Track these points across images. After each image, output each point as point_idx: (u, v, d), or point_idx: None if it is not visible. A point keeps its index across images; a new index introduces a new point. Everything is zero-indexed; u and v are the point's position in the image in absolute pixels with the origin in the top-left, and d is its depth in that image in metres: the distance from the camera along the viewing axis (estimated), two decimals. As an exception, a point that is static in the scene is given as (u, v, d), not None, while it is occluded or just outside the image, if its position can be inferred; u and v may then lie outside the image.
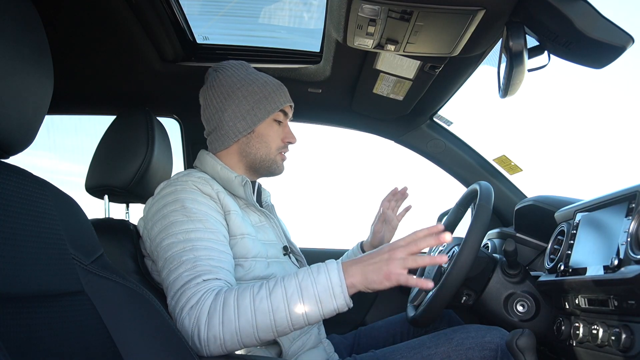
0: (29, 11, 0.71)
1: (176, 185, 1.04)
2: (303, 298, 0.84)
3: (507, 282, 1.13)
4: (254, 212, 1.18)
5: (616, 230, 0.89)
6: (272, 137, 1.18)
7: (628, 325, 0.82)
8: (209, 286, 0.90)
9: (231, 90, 1.16)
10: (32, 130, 0.72)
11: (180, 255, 0.94)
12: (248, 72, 1.20)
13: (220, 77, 1.19)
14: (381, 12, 0.95)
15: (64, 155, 2.06)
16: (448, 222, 1.44)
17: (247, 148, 1.18)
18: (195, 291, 0.89)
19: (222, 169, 1.15)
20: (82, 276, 0.75)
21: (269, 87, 1.17)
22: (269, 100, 1.16)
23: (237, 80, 1.17)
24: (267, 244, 1.14)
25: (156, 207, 1.04)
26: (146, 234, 1.05)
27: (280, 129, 1.21)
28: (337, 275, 0.85)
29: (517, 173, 1.71)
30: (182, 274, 0.91)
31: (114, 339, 0.75)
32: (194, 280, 0.90)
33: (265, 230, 1.17)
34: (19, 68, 0.68)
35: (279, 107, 1.17)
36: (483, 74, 1.33)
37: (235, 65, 1.22)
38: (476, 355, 0.93)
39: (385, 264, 0.83)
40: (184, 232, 0.96)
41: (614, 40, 0.85)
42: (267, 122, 1.17)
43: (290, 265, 1.18)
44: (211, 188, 1.06)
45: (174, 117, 1.71)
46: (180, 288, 0.90)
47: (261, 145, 1.18)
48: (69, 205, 0.79)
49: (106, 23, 1.18)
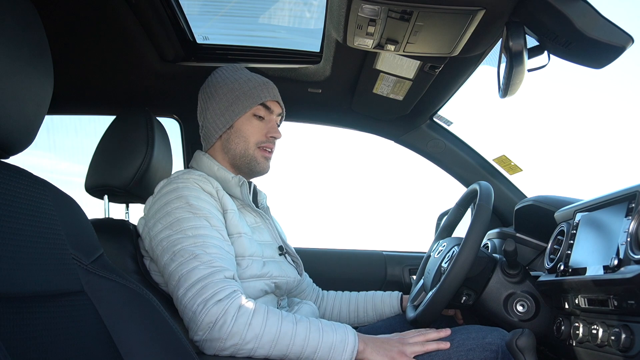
0: (29, 11, 0.71)
1: (178, 182, 1.05)
2: (322, 339, 0.91)
3: (507, 282, 1.13)
4: (250, 212, 1.19)
5: (616, 230, 0.89)
6: (250, 132, 1.19)
7: (628, 325, 0.82)
8: (235, 286, 0.92)
9: (214, 90, 1.21)
10: (32, 130, 0.72)
11: (192, 249, 0.94)
12: (236, 72, 1.23)
13: (210, 79, 1.24)
14: (381, 12, 0.95)
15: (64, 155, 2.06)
16: (448, 222, 1.44)
17: (228, 144, 1.20)
18: (222, 286, 0.90)
19: (219, 169, 1.16)
20: (82, 276, 0.75)
21: (251, 83, 1.19)
22: (247, 96, 1.18)
23: (221, 79, 1.22)
24: (262, 244, 1.15)
25: (158, 204, 1.04)
26: (146, 232, 1.05)
27: (262, 124, 1.21)
28: (354, 336, 0.94)
29: (517, 173, 1.71)
30: (198, 267, 0.92)
31: (114, 339, 0.75)
32: (216, 274, 0.92)
33: (260, 231, 1.18)
34: (19, 68, 0.68)
35: (258, 102, 1.18)
36: (483, 74, 1.33)
37: (227, 67, 1.26)
38: (477, 356, 0.93)
39: (395, 353, 0.94)
40: (192, 228, 0.97)
41: (613, 40, 0.85)
42: (245, 117, 1.19)
43: (287, 265, 1.19)
44: (211, 186, 1.08)
45: (174, 117, 1.71)
46: (201, 280, 0.91)
47: (239, 140, 1.19)
48: (69, 205, 0.79)
49: (106, 23, 1.18)
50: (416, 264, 1.76)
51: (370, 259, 1.80)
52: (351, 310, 1.39)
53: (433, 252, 1.35)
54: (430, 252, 1.41)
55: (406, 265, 1.78)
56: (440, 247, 1.31)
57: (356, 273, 1.76)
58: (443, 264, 1.19)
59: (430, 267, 1.29)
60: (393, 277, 1.76)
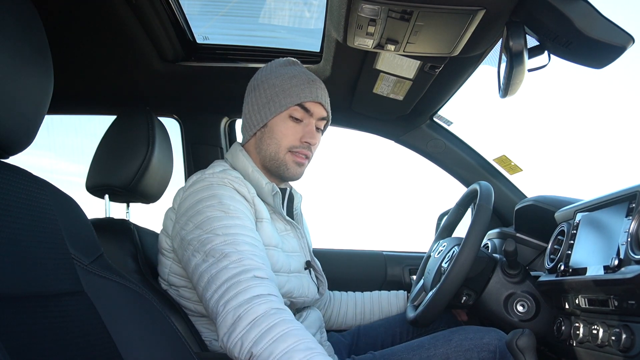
0: (29, 11, 0.71)
1: (212, 180, 1.00)
2: None
3: (507, 282, 1.13)
4: (280, 220, 1.14)
5: (616, 230, 0.89)
6: (283, 134, 1.09)
7: (628, 325, 0.82)
8: (263, 289, 0.84)
9: (258, 82, 1.14)
10: (32, 130, 0.72)
11: (222, 248, 0.89)
12: (284, 67, 1.15)
13: (259, 70, 1.17)
14: (381, 12, 0.94)
15: (63, 155, 2.06)
16: (448, 222, 1.44)
17: (261, 143, 1.13)
18: (246, 286, 0.83)
19: (254, 171, 1.10)
20: (82, 276, 0.75)
21: (294, 81, 1.10)
22: (286, 94, 1.09)
23: (267, 72, 1.14)
24: (290, 255, 1.10)
25: (190, 201, 0.99)
26: (177, 231, 1.00)
27: (299, 127, 1.11)
28: None
29: (517, 173, 1.71)
30: (227, 266, 0.86)
31: (114, 339, 0.74)
32: (243, 274, 0.85)
33: (289, 239, 1.13)
34: (19, 68, 0.68)
35: (296, 102, 1.09)
36: (483, 74, 1.33)
37: (279, 61, 1.18)
38: (474, 357, 0.93)
39: None
40: (223, 227, 0.92)
41: (614, 40, 0.85)
42: (280, 117, 1.10)
43: (309, 281, 1.14)
44: (247, 191, 1.03)
45: (174, 117, 1.71)
46: (228, 280, 0.85)
47: (271, 142, 1.10)
48: (69, 205, 0.79)
49: (106, 23, 1.18)
50: (416, 264, 1.75)
51: (370, 259, 1.80)
52: (358, 312, 1.39)
53: (433, 252, 1.35)
54: (431, 252, 1.41)
55: (406, 265, 1.78)
56: (441, 247, 1.31)
57: (356, 273, 1.76)
58: (443, 264, 1.19)
59: (431, 267, 1.29)
60: (393, 277, 1.76)
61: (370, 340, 1.31)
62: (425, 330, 1.28)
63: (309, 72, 1.16)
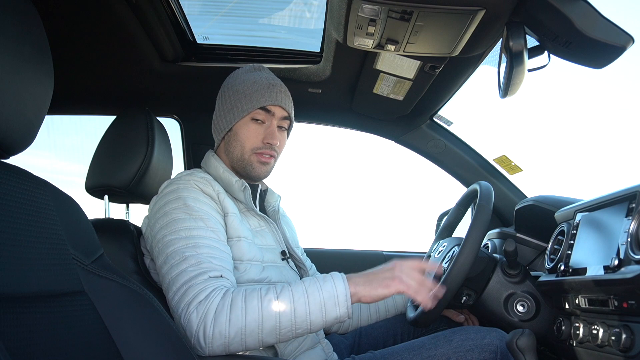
0: (29, 11, 0.71)
1: (178, 183, 1.06)
2: (309, 303, 0.89)
3: (507, 282, 1.13)
4: (254, 216, 1.18)
5: (616, 230, 0.89)
6: (247, 136, 1.15)
7: (628, 325, 0.82)
8: (216, 284, 0.91)
9: (225, 90, 1.21)
10: (32, 130, 0.72)
11: (183, 251, 0.95)
12: (248, 73, 1.21)
13: (226, 79, 1.24)
14: (381, 12, 0.95)
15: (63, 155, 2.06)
16: (448, 222, 1.44)
17: (228, 147, 1.19)
18: (202, 287, 0.90)
19: (224, 172, 1.16)
20: (82, 276, 0.75)
21: (256, 86, 1.16)
22: (248, 99, 1.15)
23: (232, 80, 1.21)
24: (263, 248, 1.14)
25: (159, 204, 1.05)
26: (149, 232, 1.06)
27: (261, 129, 1.16)
28: (342, 284, 0.92)
29: (517, 173, 1.71)
30: (186, 269, 0.92)
31: (114, 339, 0.75)
32: (200, 276, 0.91)
33: (263, 235, 1.17)
34: (19, 68, 0.68)
35: (257, 105, 1.14)
36: (483, 74, 1.33)
37: (245, 68, 1.25)
38: (475, 357, 0.93)
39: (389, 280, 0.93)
40: (186, 229, 0.98)
41: (614, 40, 0.85)
42: (244, 120, 1.16)
43: (288, 270, 1.17)
44: (212, 189, 1.08)
45: (174, 117, 1.71)
46: (186, 283, 0.91)
47: (237, 144, 1.16)
48: (69, 205, 0.79)
49: (106, 23, 1.18)
50: (416, 264, 1.75)
51: (370, 259, 1.80)
52: (363, 313, 1.39)
53: (433, 252, 1.35)
54: (431, 252, 1.41)
55: (406, 266, 1.78)
56: (441, 247, 1.31)
57: None
58: (443, 264, 1.20)
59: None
60: None
61: (371, 340, 1.31)
62: (426, 331, 1.28)
63: (272, 77, 1.21)
